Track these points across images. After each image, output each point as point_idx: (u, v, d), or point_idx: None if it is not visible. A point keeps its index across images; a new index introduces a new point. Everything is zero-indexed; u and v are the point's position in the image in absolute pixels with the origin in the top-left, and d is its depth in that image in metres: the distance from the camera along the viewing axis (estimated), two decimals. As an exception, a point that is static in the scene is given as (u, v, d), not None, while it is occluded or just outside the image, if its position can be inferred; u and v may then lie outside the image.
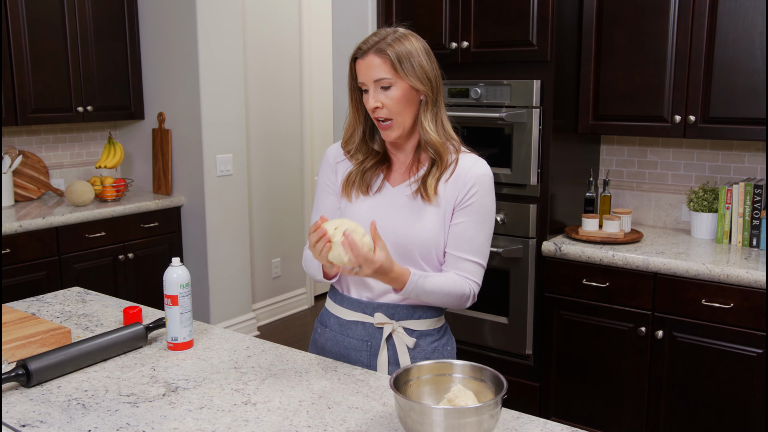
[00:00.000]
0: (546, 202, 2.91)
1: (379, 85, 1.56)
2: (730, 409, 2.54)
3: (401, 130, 1.61)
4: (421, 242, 1.61)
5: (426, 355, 1.68)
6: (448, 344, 1.75)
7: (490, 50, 2.95)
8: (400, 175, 1.68)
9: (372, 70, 1.56)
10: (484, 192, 1.62)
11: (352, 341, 1.70)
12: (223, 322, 4.17)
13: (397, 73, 1.55)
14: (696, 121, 2.74)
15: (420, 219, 1.61)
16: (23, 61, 3.50)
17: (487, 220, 1.64)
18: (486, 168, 1.64)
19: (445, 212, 1.62)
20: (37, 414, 1.40)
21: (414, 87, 1.58)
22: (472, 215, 1.61)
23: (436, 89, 1.61)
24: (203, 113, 3.93)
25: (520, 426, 1.36)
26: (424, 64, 1.58)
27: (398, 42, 1.56)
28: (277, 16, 4.64)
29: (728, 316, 2.51)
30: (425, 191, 1.60)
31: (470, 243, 1.62)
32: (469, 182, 1.61)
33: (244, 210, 4.24)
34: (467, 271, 1.62)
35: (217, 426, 1.35)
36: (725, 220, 2.82)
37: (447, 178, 1.62)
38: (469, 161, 1.64)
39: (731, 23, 2.63)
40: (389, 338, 1.66)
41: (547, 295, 2.92)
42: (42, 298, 2.15)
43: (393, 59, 1.55)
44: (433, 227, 1.61)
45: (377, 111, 1.58)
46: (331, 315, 1.75)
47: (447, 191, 1.62)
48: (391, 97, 1.56)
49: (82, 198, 3.66)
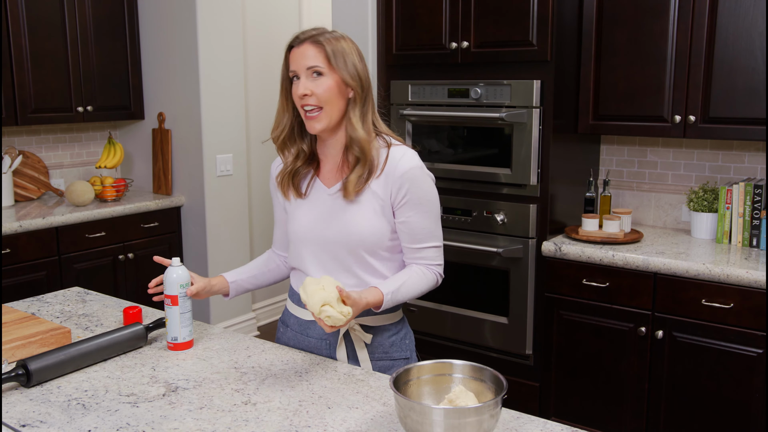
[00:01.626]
0: (546, 202, 2.91)
1: (311, 71, 1.58)
2: (730, 409, 2.54)
3: (327, 122, 1.61)
4: (362, 240, 1.64)
5: (384, 349, 1.72)
6: (406, 338, 1.78)
7: (490, 50, 2.95)
8: (333, 176, 1.70)
9: (306, 58, 1.58)
10: (415, 184, 1.64)
11: (312, 340, 1.75)
12: (223, 322, 4.17)
13: (330, 64, 1.59)
14: (696, 121, 2.74)
15: (354, 217, 1.64)
16: (23, 61, 3.50)
17: (430, 206, 1.67)
18: (412, 160, 1.64)
19: (383, 207, 1.65)
20: (37, 414, 1.40)
21: (345, 81, 1.60)
22: (414, 208, 1.64)
23: (366, 89, 1.65)
24: (203, 113, 3.92)
25: (520, 426, 1.36)
26: (357, 64, 1.62)
27: (335, 39, 1.61)
28: (277, 16, 4.64)
29: (728, 316, 2.51)
30: (345, 190, 1.63)
31: (422, 233, 1.67)
32: (398, 180, 1.63)
33: (244, 210, 4.24)
34: (428, 258, 1.69)
35: (217, 426, 1.35)
36: (725, 220, 2.82)
37: (378, 174, 1.64)
38: (396, 155, 1.65)
39: (731, 23, 2.63)
40: (347, 335, 1.70)
41: (547, 295, 2.92)
42: (42, 298, 2.15)
43: (328, 51, 1.59)
44: (373, 224, 1.64)
45: (305, 98, 1.59)
46: (291, 315, 1.80)
47: (380, 187, 1.64)
48: (320, 86, 1.58)
49: (82, 198, 3.66)
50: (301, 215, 1.70)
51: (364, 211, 1.64)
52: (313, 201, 1.70)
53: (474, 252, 3.06)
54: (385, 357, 1.72)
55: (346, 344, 1.70)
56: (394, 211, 1.66)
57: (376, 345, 1.71)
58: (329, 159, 1.71)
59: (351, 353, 1.71)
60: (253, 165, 4.51)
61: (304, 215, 1.70)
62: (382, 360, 1.72)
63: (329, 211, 1.67)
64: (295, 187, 1.71)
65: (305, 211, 1.70)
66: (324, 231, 1.66)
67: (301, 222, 1.70)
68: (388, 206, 1.65)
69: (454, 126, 3.11)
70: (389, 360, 1.73)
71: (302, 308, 1.75)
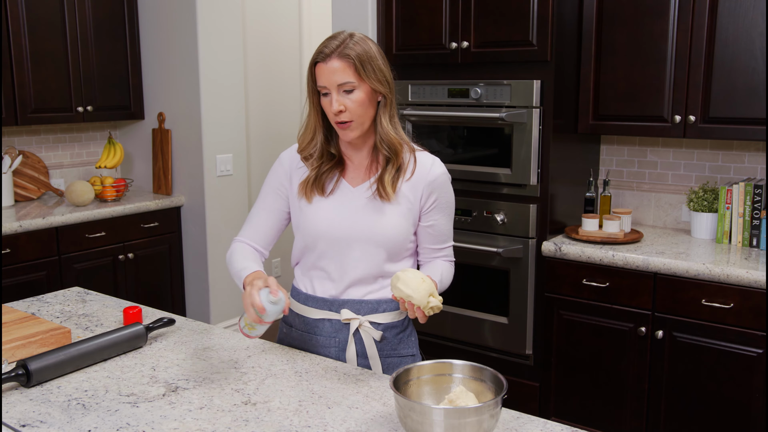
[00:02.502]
0: (546, 202, 2.91)
1: (342, 89, 1.58)
2: (729, 409, 2.54)
3: (360, 130, 1.63)
4: (386, 239, 1.66)
5: (392, 346, 1.73)
6: (412, 335, 1.80)
7: (490, 50, 2.95)
8: (360, 176, 1.70)
9: (335, 74, 1.57)
10: (444, 190, 1.71)
11: (320, 338, 1.74)
12: (223, 322, 4.17)
13: (360, 76, 1.58)
14: (696, 121, 2.74)
15: (383, 217, 1.65)
16: (23, 61, 3.50)
17: (451, 210, 1.76)
18: (442, 167, 1.72)
19: (410, 210, 1.67)
20: (37, 414, 1.40)
21: (374, 89, 1.61)
22: (441, 212, 1.72)
23: (392, 90, 1.66)
24: (203, 113, 3.92)
25: (520, 426, 1.36)
26: (382, 67, 1.62)
27: (358, 45, 1.59)
28: (278, 16, 4.64)
29: (728, 316, 2.51)
30: (383, 190, 1.64)
31: (444, 235, 1.75)
32: (429, 186, 1.68)
33: (244, 210, 4.24)
34: (446, 255, 1.78)
35: (217, 426, 1.35)
36: (725, 220, 2.82)
37: (408, 177, 1.67)
38: (427, 161, 1.70)
39: (731, 23, 2.63)
40: (356, 333, 1.70)
41: (547, 295, 2.92)
42: (42, 298, 2.15)
43: (356, 63, 1.58)
44: (397, 224, 1.66)
45: (340, 115, 1.59)
46: (296, 315, 1.78)
47: (410, 190, 1.67)
48: (353, 101, 1.59)
49: (82, 198, 3.66)
50: (323, 213, 1.68)
51: (393, 212, 1.66)
52: (338, 199, 1.68)
53: (474, 252, 3.06)
54: (393, 354, 1.73)
55: (355, 342, 1.70)
56: (421, 215, 1.70)
57: (384, 342, 1.72)
58: (356, 160, 1.71)
59: (360, 351, 1.70)
60: (253, 165, 4.51)
61: (326, 213, 1.68)
62: (391, 357, 1.72)
63: (355, 209, 1.66)
64: (320, 188, 1.69)
65: (328, 209, 1.68)
66: (348, 229, 1.66)
67: (323, 219, 1.67)
68: (416, 210, 1.68)
69: (454, 126, 3.11)
70: (397, 357, 1.73)
71: (308, 307, 1.74)
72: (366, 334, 1.69)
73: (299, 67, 4.84)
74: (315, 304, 1.73)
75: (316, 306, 1.73)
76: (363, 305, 1.70)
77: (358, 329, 1.69)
